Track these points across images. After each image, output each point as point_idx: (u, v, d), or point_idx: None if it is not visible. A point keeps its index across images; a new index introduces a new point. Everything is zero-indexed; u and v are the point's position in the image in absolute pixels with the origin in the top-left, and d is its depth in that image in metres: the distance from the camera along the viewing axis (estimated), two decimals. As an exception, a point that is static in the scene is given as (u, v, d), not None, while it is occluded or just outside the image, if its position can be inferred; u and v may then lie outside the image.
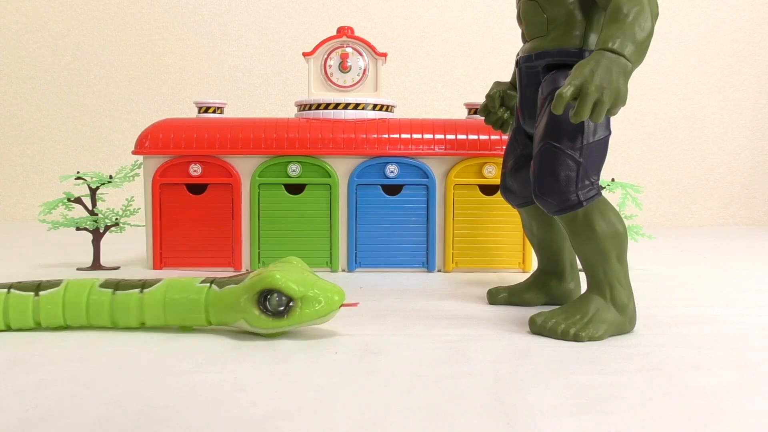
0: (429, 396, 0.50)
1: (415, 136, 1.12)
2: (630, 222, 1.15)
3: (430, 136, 1.12)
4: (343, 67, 1.16)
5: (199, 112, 1.19)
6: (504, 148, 0.86)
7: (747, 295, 0.95)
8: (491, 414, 0.47)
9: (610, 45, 0.62)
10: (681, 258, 1.37)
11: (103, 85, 2.21)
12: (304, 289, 0.64)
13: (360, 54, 1.16)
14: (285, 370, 0.57)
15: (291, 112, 1.22)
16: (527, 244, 1.12)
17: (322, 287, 0.66)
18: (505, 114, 0.88)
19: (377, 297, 0.90)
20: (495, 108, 0.88)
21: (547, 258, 0.85)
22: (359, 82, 1.16)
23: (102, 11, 2.20)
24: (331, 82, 1.16)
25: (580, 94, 0.60)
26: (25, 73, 2.20)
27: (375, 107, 1.16)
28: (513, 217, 1.12)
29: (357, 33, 1.17)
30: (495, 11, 2.20)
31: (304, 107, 1.17)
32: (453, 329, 0.72)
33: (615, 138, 2.25)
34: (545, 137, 0.71)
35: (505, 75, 0.96)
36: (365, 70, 1.16)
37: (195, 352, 0.62)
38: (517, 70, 0.80)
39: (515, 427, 0.44)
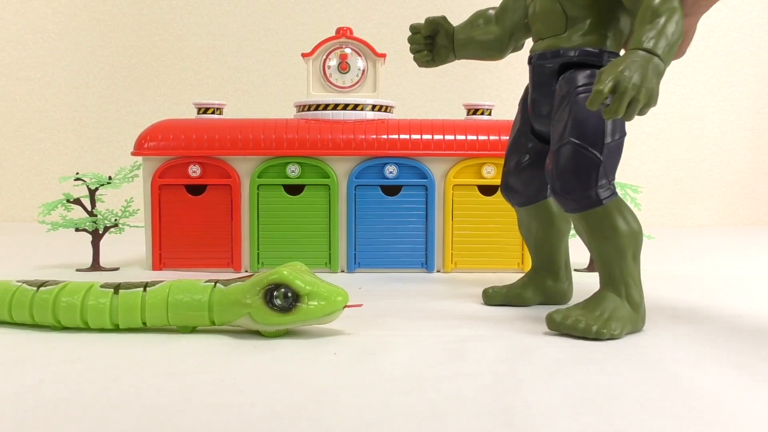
0: (428, 396, 0.51)
1: (414, 136, 1.12)
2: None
3: (429, 136, 1.12)
4: (342, 68, 1.16)
5: (199, 113, 1.19)
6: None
7: (746, 296, 0.95)
8: (490, 414, 0.47)
9: (645, 45, 0.61)
10: (680, 258, 1.37)
11: (103, 86, 2.21)
12: (310, 287, 0.66)
13: (359, 54, 1.16)
14: (284, 370, 0.57)
15: (290, 112, 1.22)
16: (526, 244, 1.12)
17: (327, 287, 0.67)
18: (426, 43, 0.86)
19: (376, 297, 0.90)
20: (423, 31, 0.85)
21: (543, 257, 0.86)
22: (358, 82, 1.16)
23: (102, 12, 2.20)
24: (330, 82, 1.16)
25: (616, 91, 0.60)
26: (25, 74, 2.20)
27: (374, 108, 1.16)
28: (512, 218, 1.12)
29: (356, 33, 1.17)
30: (494, 12, 2.20)
31: (303, 108, 1.17)
32: (452, 329, 0.72)
33: (614, 138, 2.26)
34: (567, 135, 0.70)
35: (505, 75, 0.96)
36: (364, 70, 1.16)
37: (195, 352, 0.62)
38: (530, 67, 0.79)
39: (514, 428, 0.44)
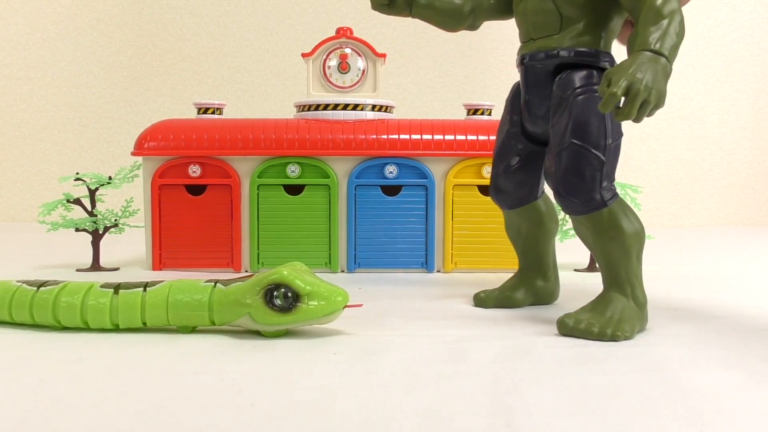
0: (428, 396, 0.51)
1: (414, 136, 1.12)
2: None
3: (429, 136, 1.12)
4: (342, 68, 1.16)
5: (199, 112, 1.19)
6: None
7: (746, 296, 0.95)
8: (490, 414, 0.47)
9: (652, 46, 0.61)
10: (680, 258, 1.37)
11: (103, 86, 2.21)
12: (310, 287, 0.66)
13: (359, 54, 1.16)
14: (284, 370, 0.57)
15: (290, 112, 1.22)
16: (526, 244, 1.12)
17: (327, 287, 0.67)
18: None
19: (376, 297, 0.90)
20: None
21: (532, 258, 0.86)
22: (358, 82, 1.16)
23: (102, 12, 2.20)
24: (330, 82, 1.16)
25: (629, 93, 0.59)
26: (25, 74, 2.20)
27: (374, 108, 1.16)
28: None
29: (356, 33, 1.17)
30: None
31: (303, 108, 1.17)
32: (452, 330, 0.72)
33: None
34: (569, 137, 0.70)
35: (505, 75, 0.96)
36: (364, 70, 1.16)
37: (195, 352, 0.62)
38: (522, 68, 0.78)
39: (514, 427, 0.45)
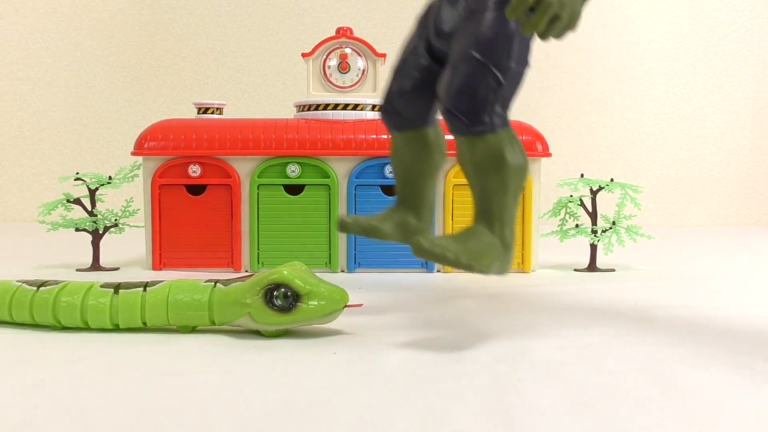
0: (428, 396, 0.51)
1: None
2: (629, 222, 1.15)
3: (429, 136, 1.12)
4: (342, 68, 1.16)
5: (199, 112, 1.19)
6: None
7: (746, 296, 0.95)
8: (490, 414, 0.47)
9: None
10: (680, 258, 1.37)
11: (103, 86, 2.21)
12: (309, 287, 0.66)
13: (359, 54, 1.16)
14: (285, 370, 0.57)
15: (290, 112, 1.22)
16: (526, 244, 1.12)
17: (327, 287, 0.67)
18: None
19: (376, 297, 0.90)
20: None
21: (410, 193, 0.80)
22: (358, 82, 1.16)
23: (102, 12, 2.20)
24: (330, 82, 1.16)
25: (540, 4, 0.56)
26: (25, 74, 2.20)
27: (374, 108, 1.16)
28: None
29: (356, 33, 1.17)
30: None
31: (303, 108, 1.17)
32: (452, 329, 0.72)
33: (614, 138, 2.26)
34: (469, 47, 0.64)
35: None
36: (364, 70, 1.16)
37: (195, 352, 0.62)
38: None
39: (514, 427, 0.45)
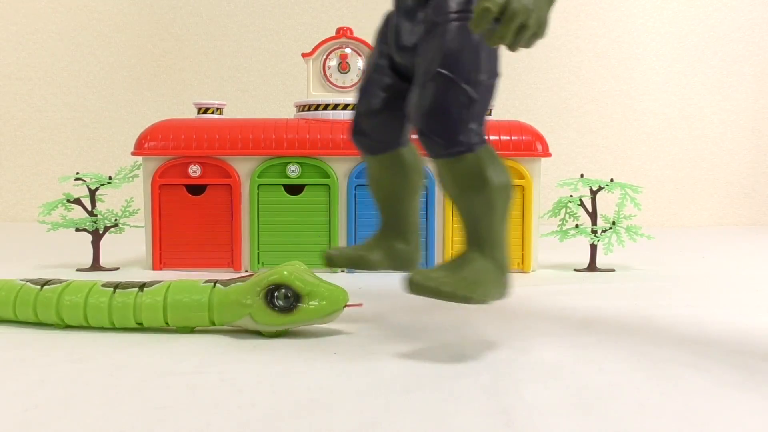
0: (427, 396, 0.51)
1: (414, 136, 1.12)
2: (629, 222, 1.15)
3: (429, 136, 1.12)
4: (342, 68, 1.16)
5: (199, 112, 1.19)
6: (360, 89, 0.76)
7: (746, 296, 0.95)
8: (490, 414, 0.47)
9: None
10: (680, 258, 1.37)
11: (103, 86, 2.21)
12: (310, 287, 0.66)
13: (359, 54, 1.16)
14: (284, 370, 0.57)
15: (290, 112, 1.22)
16: (526, 243, 1.12)
17: (327, 287, 0.67)
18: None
19: (376, 297, 0.90)
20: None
21: (393, 216, 0.77)
22: (358, 82, 1.16)
23: (102, 12, 2.20)
24: (330, 82, 1.16)
25: (504, 13, 0.52)
26: (25, 74, 2.20)
27: (374, 108, 1.16)
28: (512, 218, 1.12)
29: (356, 33, 1.17)
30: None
31: (303, 108, 1.17)
32: (451, 329, 0.72)
33: (614, 138, 2.26)
34: (435, 64, 0.61)
35: (505, 74, 0.94)
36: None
37: (194, 352, 0.62)
38: None
39: (514, 427, 0.45)
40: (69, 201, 1.12)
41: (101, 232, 1.14)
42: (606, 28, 2.24)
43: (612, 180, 1.15)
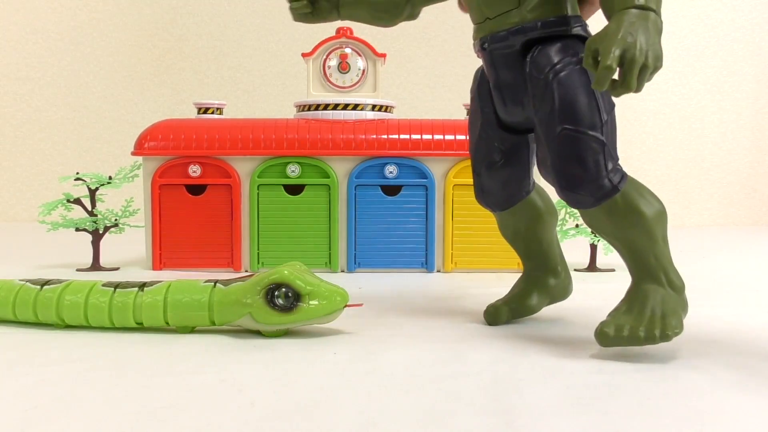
0: (428, 396, 0.51)
1: (414, 136, 1.12)
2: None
3: (429, 136, 1.12)
4: (342, 68, 1.16)
5: (199, 112, 1.19)
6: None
7: (747, 296, 0.95)
8: (490, 414, 0.47)
9: (636, 1, 0.55)
10: (680, 258, 1.37)
11: (103, 86, 2.21)
12: (310, 286, 0.66)
13: (359, 54, 1.16)
14: (284, 370, 0.57)
15: (290, 112, 1.22)
16: (527, 244, 1.12)
17: (327, 287, 0.67)
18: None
19: (376, 297, 0.90)
20: None
21: (538, 256, 0.78)
22: (358, 82, 1.16)
23: (102, 11, 2.20)
24: (330, 82, 1.16)
25: (624, 62, 0.53)
26: (25, 74, 2.20)
27: (374, 108, 1.16)
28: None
29: (356, 33, 1.17)
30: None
31: (303, 108, 1.17)
32: (451, 329, 0.72)
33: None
34: (559, 122, 0.62)
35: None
36: (364, 70, 1.16)
37: (194, 352, 0.63)
38: (484, 54, 0.70)
39: (514, 427, 0.45)
40: (69, 201, 1.12)
41: (101, 232, 1.14)
42: (606, 28, 2.24)
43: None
